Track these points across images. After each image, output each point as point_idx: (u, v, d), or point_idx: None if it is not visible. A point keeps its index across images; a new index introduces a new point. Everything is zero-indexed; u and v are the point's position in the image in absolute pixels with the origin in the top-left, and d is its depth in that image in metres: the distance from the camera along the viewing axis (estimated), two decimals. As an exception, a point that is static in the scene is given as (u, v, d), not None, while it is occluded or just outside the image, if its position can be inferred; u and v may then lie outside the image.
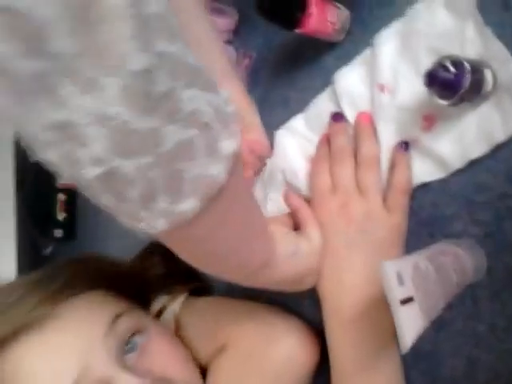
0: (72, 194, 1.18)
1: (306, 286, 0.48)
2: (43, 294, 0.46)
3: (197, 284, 0.69)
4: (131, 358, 0.46)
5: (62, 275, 0.49)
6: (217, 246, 0.35)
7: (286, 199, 0.53)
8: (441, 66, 0.38)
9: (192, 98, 0.24)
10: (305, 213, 0.50)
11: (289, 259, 0.45)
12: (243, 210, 0.35)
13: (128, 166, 0.23)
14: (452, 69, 0.38)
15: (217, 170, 0.27)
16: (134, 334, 0.47)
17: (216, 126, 0.26)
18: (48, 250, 1.37)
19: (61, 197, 1.16)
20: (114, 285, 0.53)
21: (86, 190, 0.26)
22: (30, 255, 1.30)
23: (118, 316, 0.47)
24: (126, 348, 0.46)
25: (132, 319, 0.48)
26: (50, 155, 0.23)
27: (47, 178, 1.16)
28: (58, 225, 1.17)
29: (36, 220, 1.25)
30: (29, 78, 0.20)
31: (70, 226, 1.18)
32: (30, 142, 0.23)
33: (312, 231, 0.48)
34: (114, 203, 0.26)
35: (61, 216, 1.17)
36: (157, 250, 0.66)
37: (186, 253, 0.36)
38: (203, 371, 0.52)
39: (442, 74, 0.38)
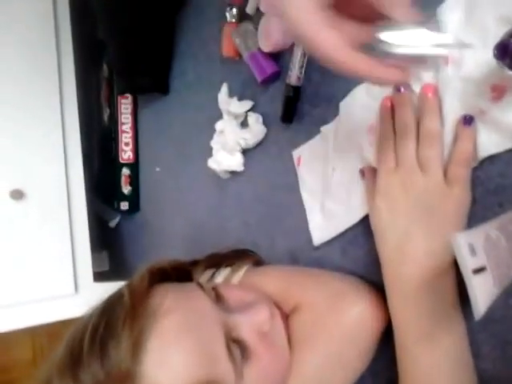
0: (135, 168, 1.24)
1: None
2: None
3: (257, 257, 0.72)
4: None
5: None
6: None
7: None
8: (513, 36, 0.38)
9: None
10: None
11: None
12: None
13: None
14: (525, 39, 0.37)
15: None
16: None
17: None
18: (114, 222, 1.46)
19: (125, 171, 1.22)
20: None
21: None
22: (98, 227, 1.39)
23: (198, 283, 0.52)
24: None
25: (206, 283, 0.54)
26: None
27: (111, 154, 1.23)
28: (124, 198, 1.24)
29: (103, 194, 1.33)
30: None
31: (134, 199, 1.25)
32: None
33: None
34: None
35: (126, 189, 1.23)
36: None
37: None
38: None
39: (515, 45, 0.38)
